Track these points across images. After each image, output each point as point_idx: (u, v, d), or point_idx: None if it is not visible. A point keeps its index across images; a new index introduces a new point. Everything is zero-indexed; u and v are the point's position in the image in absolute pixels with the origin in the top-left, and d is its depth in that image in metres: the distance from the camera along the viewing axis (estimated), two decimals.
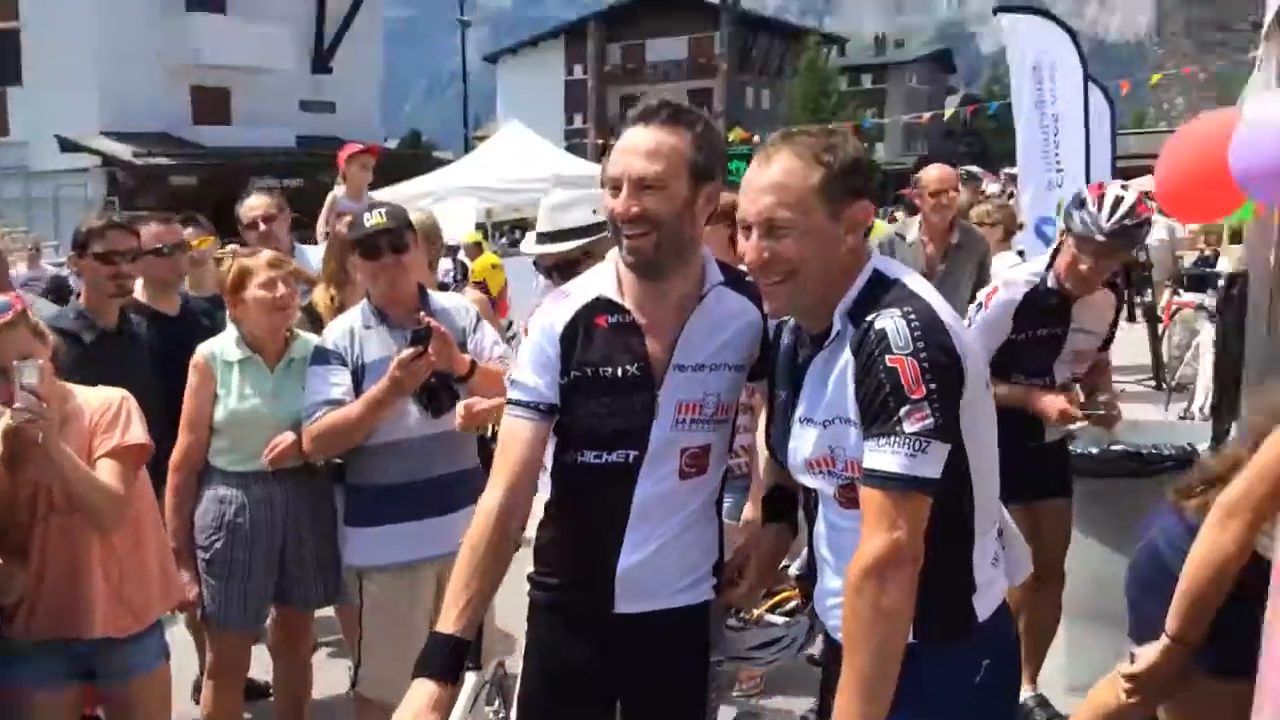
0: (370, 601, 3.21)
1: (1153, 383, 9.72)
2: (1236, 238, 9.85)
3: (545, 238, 3.06)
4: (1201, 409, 7.41)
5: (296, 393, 3.29)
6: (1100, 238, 3.27)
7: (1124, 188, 3.39)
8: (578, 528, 2.24)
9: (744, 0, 66.58)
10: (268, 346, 3.41)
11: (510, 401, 2.18)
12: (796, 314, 2.01)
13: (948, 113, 40.82)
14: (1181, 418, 7.50)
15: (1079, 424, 3.48)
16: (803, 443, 1.96)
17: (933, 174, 5.52)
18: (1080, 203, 3.38)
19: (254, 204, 4.79)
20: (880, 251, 2.03)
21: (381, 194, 13.67)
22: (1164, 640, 2.30)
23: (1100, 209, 3.29)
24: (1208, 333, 7.83)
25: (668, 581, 2.21)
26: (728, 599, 2.29)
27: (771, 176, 1.88)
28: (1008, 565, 2.02)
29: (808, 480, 2.01)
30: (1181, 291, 9.52)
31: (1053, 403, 3.43)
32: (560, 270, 2.93)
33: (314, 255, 5.06)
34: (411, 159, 36.08)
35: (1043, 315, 3.52)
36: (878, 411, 1.77)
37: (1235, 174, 3.10)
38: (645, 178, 2.04)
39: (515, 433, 2.15)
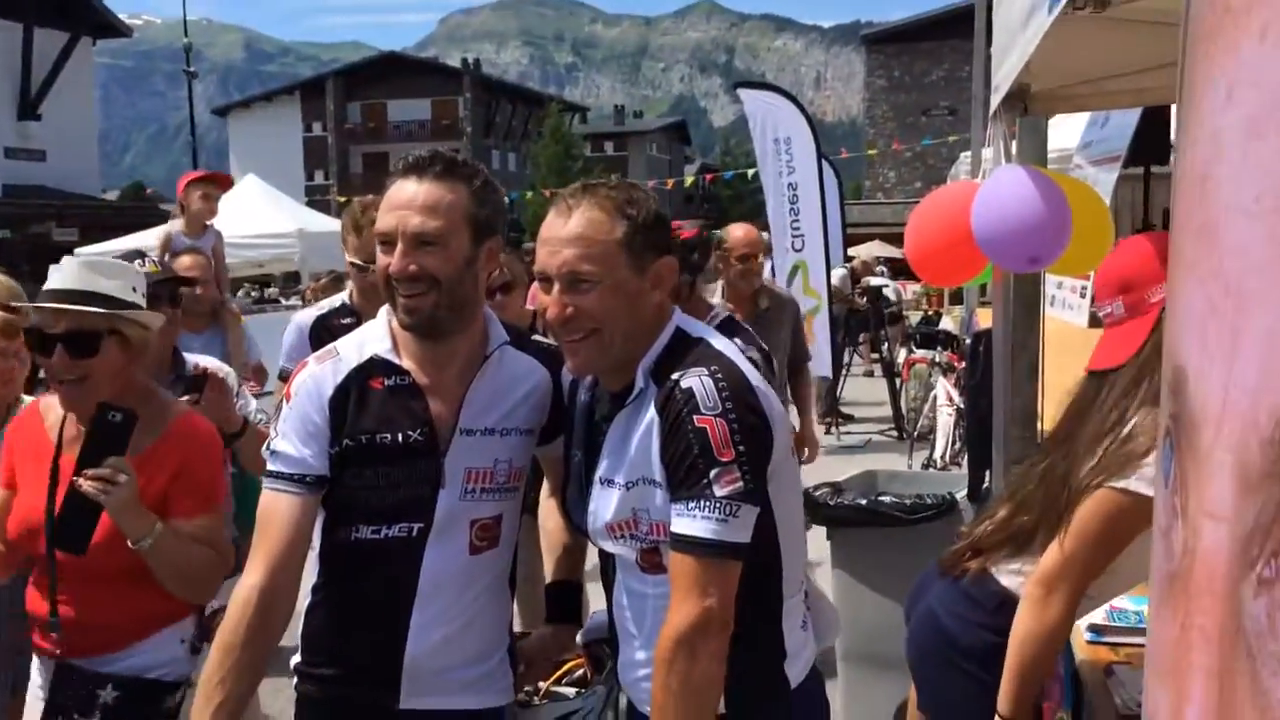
0: None
1: (895, 433, 10.39)
2: (956, 298, 10.76)
3: (70, 295, 2.32)
4: (942, 457, 7.95)
5: None
6: None
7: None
8: (356, 612, 2.03)
9: (485, 66, 67.21)
10: None
11: (270, 474, 1.97)
12: (598, 371, 1.92)
13: (689, 179, 42.63)
14: (925, 466, 8.00)
15: None
16: (603, 505, 1.87)
17: (739, 235, 4.95)
18: None
19: None
20: None
21: (107, 246, 12.63)
22: None
23: None
24: (942, 386, 8.45)
25: (460, 671, 2.04)
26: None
27: (573, 229, 1.79)
28: (816, 628, 2.00)
29: (607, 545, 1.91)
30: (915, 348, 10.29)
31: None
32: (70, 342, 2.28)
33: None
34: (135, 210, 33.82)
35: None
36: (686, 474, 1.71)
37: (978, 239, 3.28)
38: (424, 234, 1.89)
39: (278, 509, 1.93)
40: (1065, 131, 8.14)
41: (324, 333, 3.20)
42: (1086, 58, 2.97)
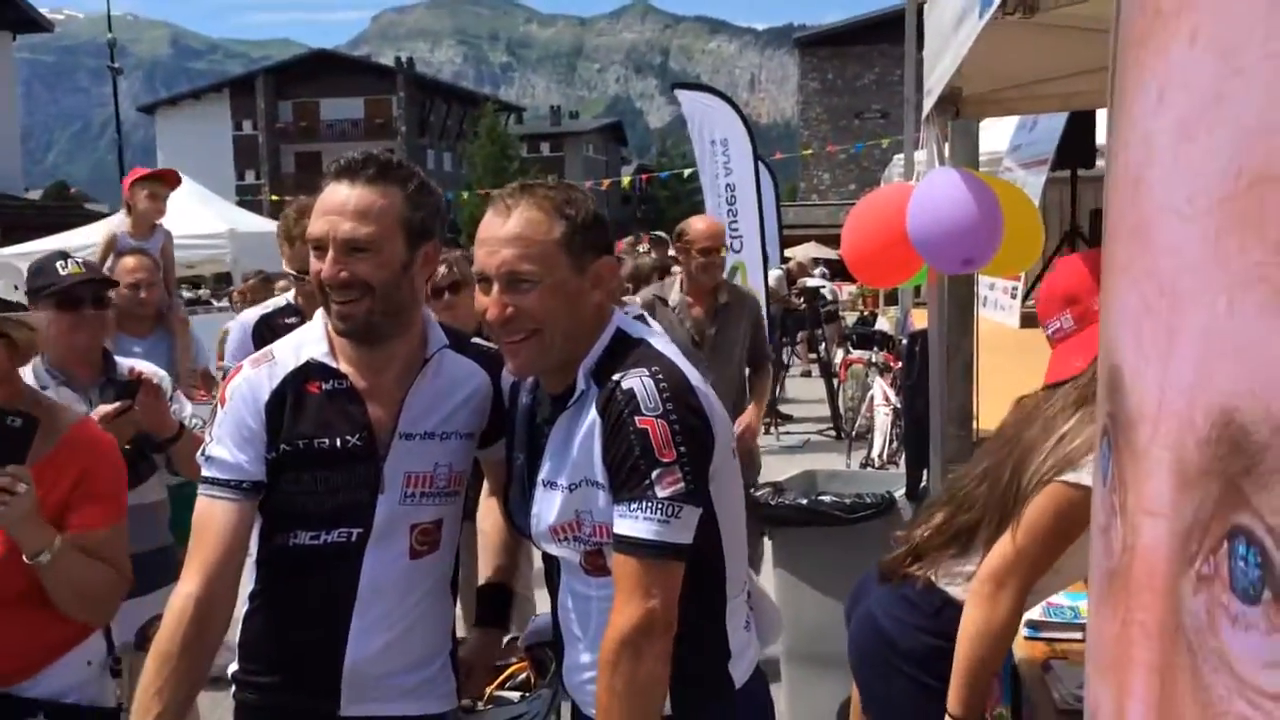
0: None
1: (833, 433, 10.49)
2: (891, 299, 10.90)
3: None
4: (880, 456, 8.04)
5: None
6: None
7: None
8: (295, 618, 2.00)
9: (419, 65, 66.62)
10: None
11: (206, 480, 1.93)
12: (539, 372, 1.91)
13: (626, 180, 42.56)
14: (863, 465, 8.08)
15: None
16: (545, 508, 1.86)
17: (701, 227, 4.78)
18: None
19: None
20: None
21: (31, 246, 12.26)
22: None
23: None
24: (878, 386, 8.55)
25: (401, 677, 2.02)
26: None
27: (512, 229, 1.79)
28: (759, 628, 2.00)
29: (551, 548, 1.91)
30: (851, 348, 10.38)
31: None
32: None
33: None
34: (59, 210, 32.97)
35: None
36: (628, 475, 1.71)
37: (914, 241, 3.33)
38: (355, 240, 1.87)
39: (214, 516, 1.90)
40: (995, 135, 8.29)
41: (267, 332, 3.16)
42: (1016, 62, 3.03)
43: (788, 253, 17.99)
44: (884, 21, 35.27)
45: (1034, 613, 2.66)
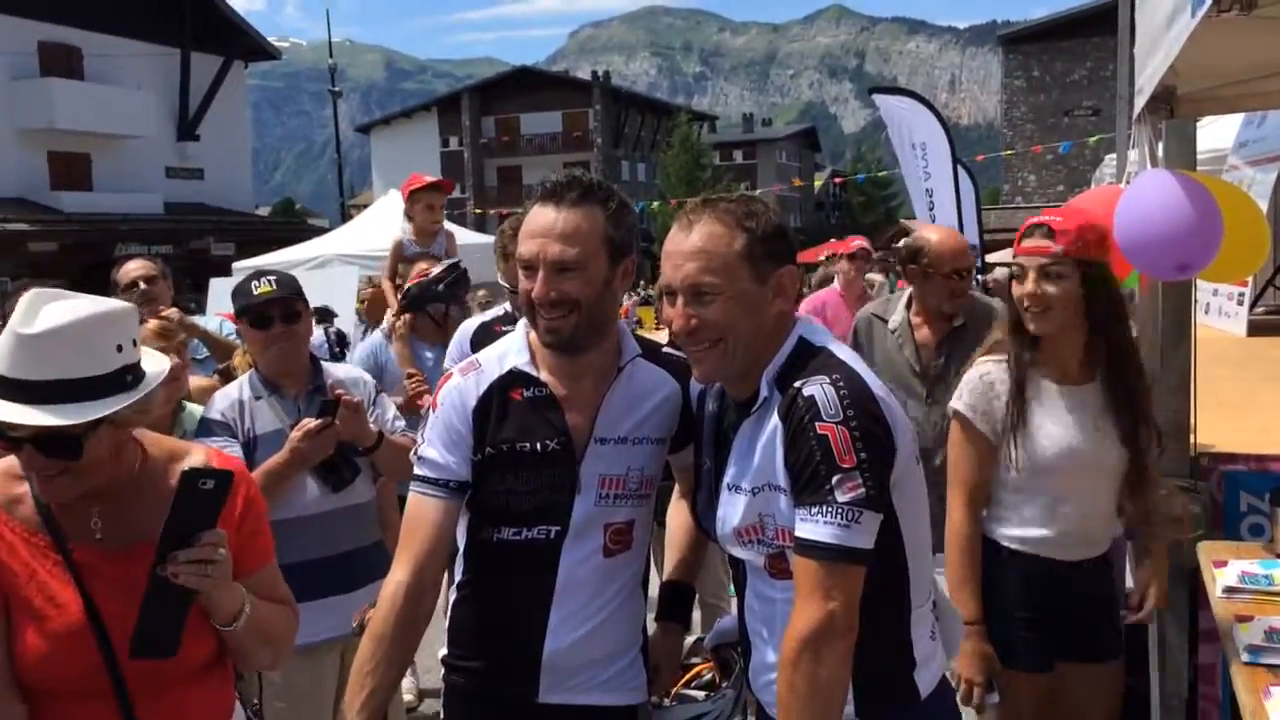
0: (271, 689, 3.00)
1: None
2: None
3: (38, 391, 1.67)
4: None
5: None
6: None
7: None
8: (498, 608, 2.13)
9: (614, 78, 67.88)
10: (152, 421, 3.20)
11: (417, 479, 2.08)
12: (724, 379, 1.96)
13: (819, 182, 41.86)
14: None
15: None
16: (731, 510, 1.91)
17: (939, 240, 3.73)
18: None
19: (133, 266, 4.65)
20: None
21: (261, 260, 13.30)
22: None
23: None
24: None
25: (595, 669, 2.11)
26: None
27: (694, 242, 1.85)
28: (944, 639, 1.99)
29: (736, 551, 1.96)
30: None
31: None
32: (42, 444, 1.70)
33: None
34: (286, 226, 35.51)
35: None
36: (808, 480, 1.74)
37: (1121, 246, 3.19)
38: (563, 261, 1.97)
39: (423, 511, 2.05)
40: (1218, 131, 7.78)
41: (486, 339, 3.31)
42: (1235, 58, 2.86)
43: (991, 258, 17.30)
44: (1097, 14, 33.49)
45: (1230, 579, 2.72)
